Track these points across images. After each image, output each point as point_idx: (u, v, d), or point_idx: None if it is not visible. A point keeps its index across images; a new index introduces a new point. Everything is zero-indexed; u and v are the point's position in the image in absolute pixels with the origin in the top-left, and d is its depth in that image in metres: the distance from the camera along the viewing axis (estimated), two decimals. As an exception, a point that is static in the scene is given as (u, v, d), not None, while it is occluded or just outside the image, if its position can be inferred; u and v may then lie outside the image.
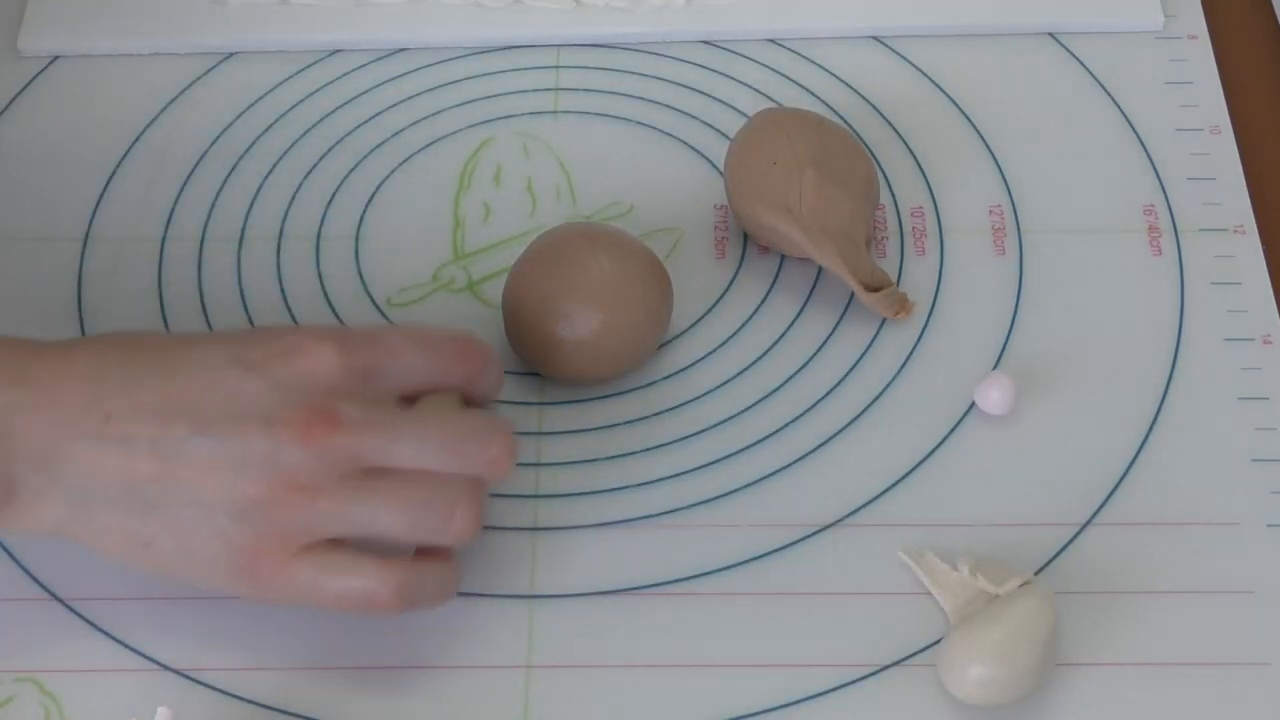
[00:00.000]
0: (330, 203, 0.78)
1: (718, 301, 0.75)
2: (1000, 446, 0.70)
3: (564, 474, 0.70)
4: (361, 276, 0.76)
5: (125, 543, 0.62)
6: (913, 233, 0.77)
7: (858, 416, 0.71)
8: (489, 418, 0.66)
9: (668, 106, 0.81)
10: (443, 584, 0.64)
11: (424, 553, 0.64)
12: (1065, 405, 0.71)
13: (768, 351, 0.73)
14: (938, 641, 0.65)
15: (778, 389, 0.72)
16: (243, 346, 0.63)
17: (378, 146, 0.80)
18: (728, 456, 0.70)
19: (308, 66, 0.83)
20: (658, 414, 0.71)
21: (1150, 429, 0.70)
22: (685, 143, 0.80)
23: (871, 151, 0.78)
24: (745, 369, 0.73)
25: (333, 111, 0.82)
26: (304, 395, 0.62)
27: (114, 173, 0.79)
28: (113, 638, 0.66)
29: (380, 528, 0.62)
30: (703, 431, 0.71)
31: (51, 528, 0.62)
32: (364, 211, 0.78)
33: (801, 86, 0.82)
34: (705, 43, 0.84)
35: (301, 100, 0.82)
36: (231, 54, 0.83)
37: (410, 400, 0.65)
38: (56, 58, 0.84)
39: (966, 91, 0.81)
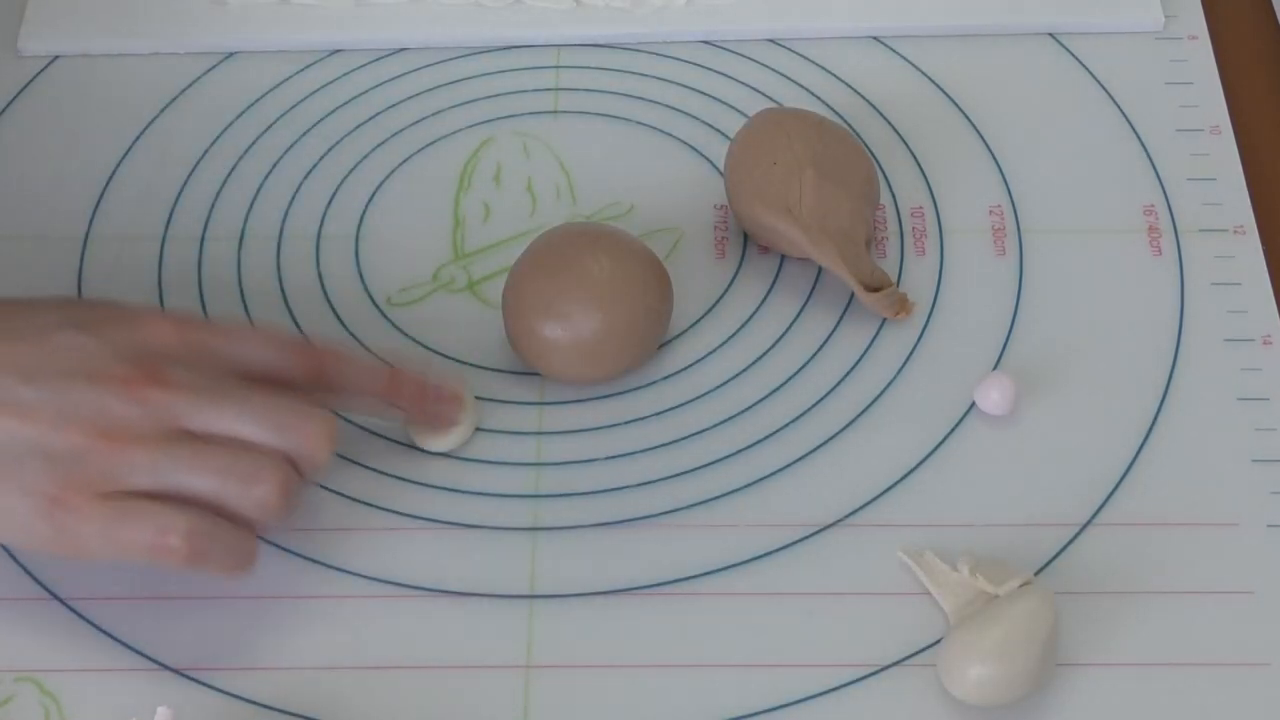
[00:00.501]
0: (330, 203, 0.78)
1: (718, 301, 0.75)
2: (1000, 446, 0.70)
3: (564, 474, 0.70)
4: (361, 276, 0.76)
5: None
6: (913, 233, 0.77)
7: (858, 416, 0.71)
8: (314, 404, 0.66)
9: (668, 106, 0.81)
10: (236, 550, 0.64)
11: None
12: (1065, 405, 0.71)
13: (768, 351, 0.73)
14: (938, 641, 0.65)
15: (778, 389, 0.72)
16: (80, 310, 0.66)
17: (378, 146, 0.80)
18: (728, 456, 0.70)
19: (308, 66, 0.83)
20: (658, 414, 0.71)
21: (1150, 429, 0.70)
22: (685, 143, 0.80)
23: (871, 151, 0.78)
24: (745, 369, 0.73)
25: (333, 111, 0.81)
26: (135, 355, 0.63)
27: (114, 173, 0.79)
28: (113, 638, 0.66)
29: (184, 483, 0.62)
30: (703, 431, 0.71)
31: None
32: (364, 211, 0.78)
33: (801, 86, 0.82)
34: (705, 43, 0.84)
35: (301, 100, 0.82)
36: (231, 54, 0.83)
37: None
38: (56, 58, 0.84)
39: (966, 91, 0.81)
